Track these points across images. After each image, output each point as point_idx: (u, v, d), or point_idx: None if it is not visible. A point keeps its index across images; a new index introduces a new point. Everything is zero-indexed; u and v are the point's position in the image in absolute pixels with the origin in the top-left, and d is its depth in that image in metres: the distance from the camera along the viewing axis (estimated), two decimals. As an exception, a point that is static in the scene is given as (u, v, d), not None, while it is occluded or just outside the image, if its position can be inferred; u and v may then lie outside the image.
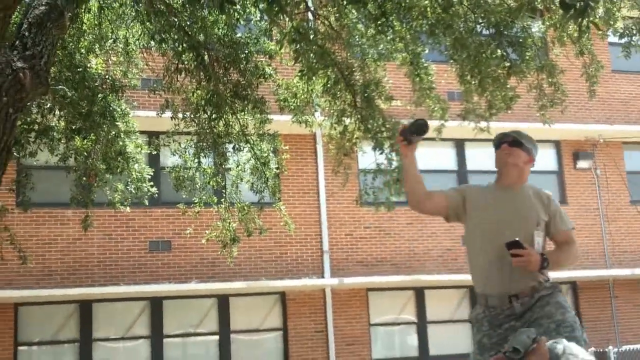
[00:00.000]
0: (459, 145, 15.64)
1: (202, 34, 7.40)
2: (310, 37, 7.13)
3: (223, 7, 4.18)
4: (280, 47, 6.89)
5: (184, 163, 9.00)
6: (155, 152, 10.99)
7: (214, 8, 5.03)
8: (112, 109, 8.01)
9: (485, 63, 7.34)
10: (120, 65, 8.62)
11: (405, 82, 9.26)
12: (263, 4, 5.04)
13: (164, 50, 7.76)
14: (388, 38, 7.62)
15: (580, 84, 9.68)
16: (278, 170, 9.31)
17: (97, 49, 8.06)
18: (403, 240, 14.91)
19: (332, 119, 8.55)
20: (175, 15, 7.06)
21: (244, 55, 7.76)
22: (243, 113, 8.32)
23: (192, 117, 8.31)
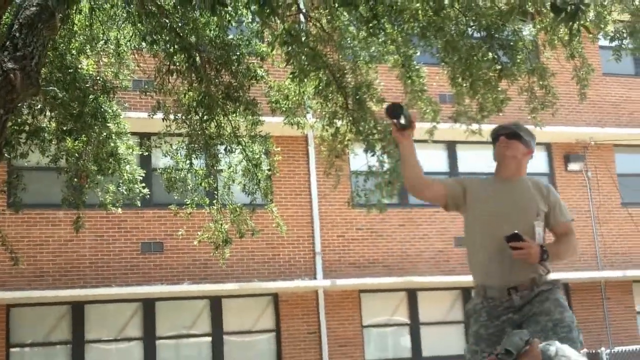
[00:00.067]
0: (451, 148, 15.67)
1: (193, 36, 7.40)
2: (302, 39, 7.15)
3: (214, 8, 4.19)
4: (272, 49, 6.90)
5: (176, 164, 8.98)
6: (147, 153, 10.96)
7: (206, 10, 5.02)
8: (103, 110, 7.99)
9: (477, 66, 7.37)
10: (112, 67, 8.61)
11: (397, 84, 9.27)
12: (254, 6, 5.04)
13: (156, 52, 7.76)
14: (380, 40, 7.63)
15: (571, 87, 9.73)
16: (270, 172, 9.31)
17: (88, 50, 8.05)
18: (395, 242, 14.92)
19: (323, 121, 8.56)
20: (167, 17, 7.06)
21: (236, 57, 7.77)
22: (235, 115, 8.32)
23: (183, 118, 8.30)
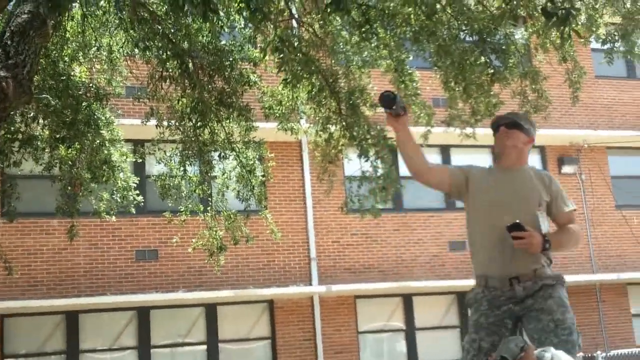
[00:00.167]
0: (445, 151, 15.69)
1: (186, 42, 7.39)
2: (295, 44, 7.15)
3: (206, 15, 4.18)
4: (264, 55, 6.89)
5: (170, 171, 8.96)
6: (141, 160, 10.94)
7: (198, 16, 5.02)
8: (96, 118, 7.98)
9: (469, 70, 7.38)
10: (104, 73, 8.60)
11: (390, 88, 9.27)
12: (247, 12, 5.04)
13: (148, 58, 7.76)
14: (372, 45, 7.64)
15: (564, 90, 9.75)
16: (264, 178, 9.30)
17: (80, 57, 8.04)
18: (390, 247, 14.91)
19: (317, 127, 8.55)
20: (159, 23, 7.05)
21: (229, 63, 7.76)
22: (228, 121, 8.32)
23: (177, 125, 8.29)
